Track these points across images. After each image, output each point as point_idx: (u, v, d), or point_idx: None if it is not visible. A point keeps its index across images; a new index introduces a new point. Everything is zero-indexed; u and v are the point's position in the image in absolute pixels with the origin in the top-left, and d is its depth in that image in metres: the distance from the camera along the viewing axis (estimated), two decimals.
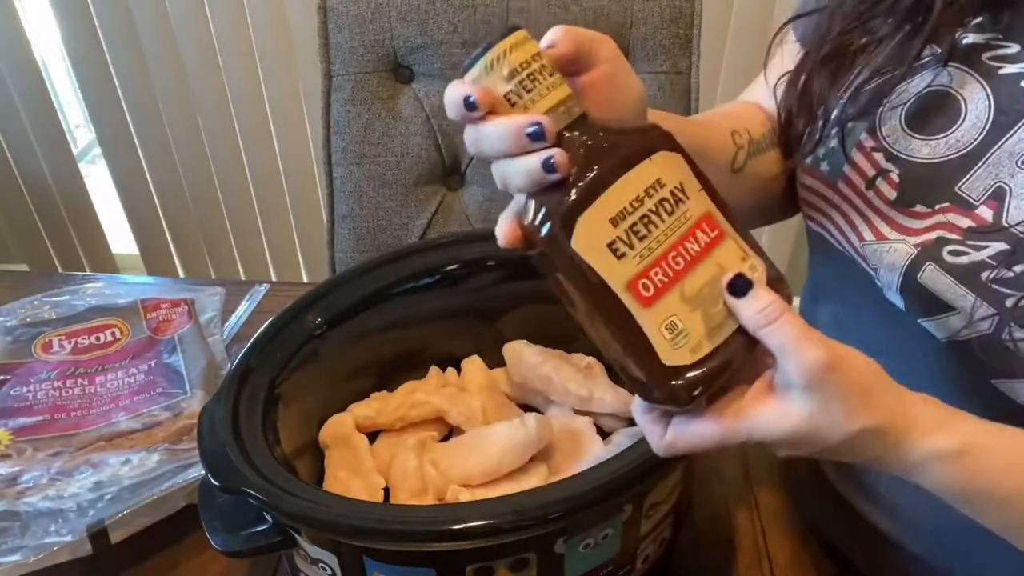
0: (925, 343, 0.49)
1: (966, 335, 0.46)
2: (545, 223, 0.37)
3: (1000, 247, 0.44)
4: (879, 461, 0.40)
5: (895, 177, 0.50)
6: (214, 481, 0.50)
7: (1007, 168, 0.45)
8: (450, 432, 0.68)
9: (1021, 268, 0.43)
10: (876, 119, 0.51)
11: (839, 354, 0.37)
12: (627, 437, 0.63)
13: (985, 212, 0.45)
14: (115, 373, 0.76)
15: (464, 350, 0.73)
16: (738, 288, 0.38)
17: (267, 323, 0.63)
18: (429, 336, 0.72)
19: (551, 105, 0.37)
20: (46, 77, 1.75)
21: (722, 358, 0.38)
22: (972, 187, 0.46)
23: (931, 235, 0.47)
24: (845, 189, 0.53)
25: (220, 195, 1.79)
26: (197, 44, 1.58)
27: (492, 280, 0.71)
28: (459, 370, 0.72)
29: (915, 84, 0.50)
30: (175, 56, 1.60)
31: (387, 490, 0.62)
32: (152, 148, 1.74)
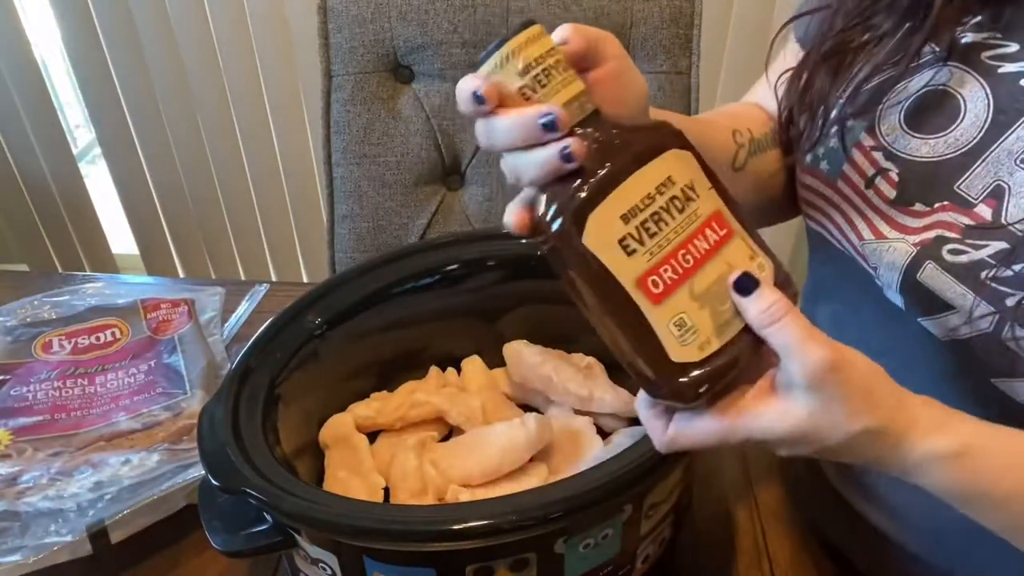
0: (925, 342, 0.49)
1: (966, 334, 0.46)
2: (557, 218, 0.37)
3: (999, 246, 0.44)
4: (879, 461, 0.40)
5: (894, 176, 0.50)
6: (214, 481, 0.50)
7: (1006, 167, 0.45)
8: (450, 432, 0.68)
9: (1020, 267, 0.42)
10: (875, 117, 0.51)
11: (842, 355, 0.37)
12: (627, 437, 0.63)
13: (984, 210, 0.45)
14: (115, 373, 0.76)
15: (464, 350, 0.73)
16: (744, 286, 0.38)
17: (267, 323, 0.63)
18: (429, 336, 0.72)
19: (565, 100, 0.37)
20: (46, 77, 1.74)
21: (729, 356, 0.39)
22: (971, 186, 0.46)
23: (930, 234, 0.47)
24: (845, 188, 0.53)
25: (220, 195, 1.79)
26: (197, 44, 1.58)
27: (492, 280, 0.71)
28: (459, 370, 0.72)
29: (914, 83, 0.50)
30: (175, 56, 1.60)
31: (387, 490, 0.62)
32: (152, 148, 1.74)
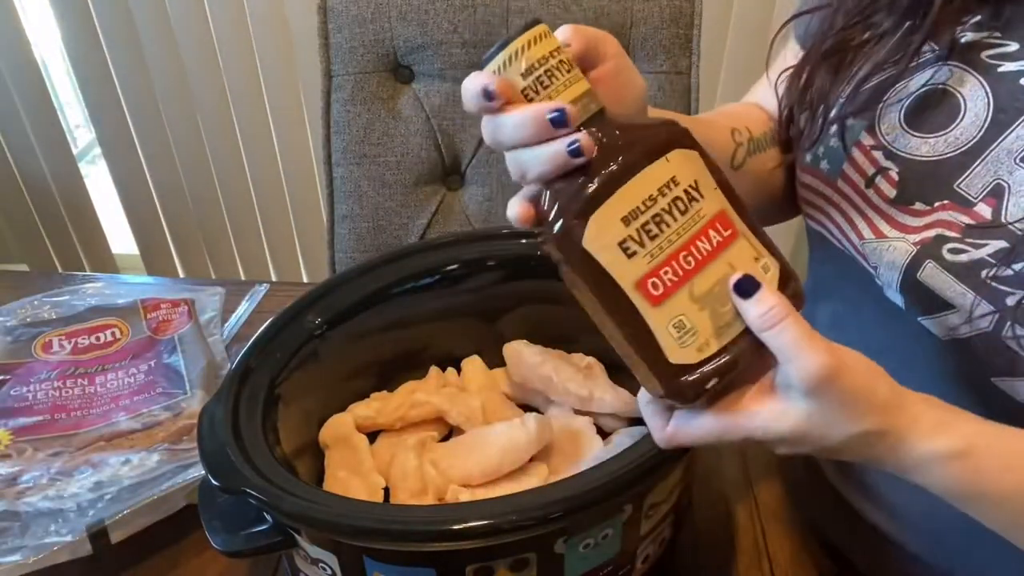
0: (925, 342, 0.49)
1: (966, 333, 0.45)
2: (559, 219, 0.37)
3: (999, 245, 0.44)
4: (879, 461, 0.40)
5: (894, 175, 0.50)
6: (214, 481, 0.50)
7: (1006, 165, 0.45)
8: (450, 432, 0.68)
9: (1020, 266, 0.42)
10: (875, 116, 0.51)
11: (841, 359, 0.37)
12: (627, 437, 0.63)
13: (984, 209, 0.45)
14: (115, 373, 0.76)
15: (464, 350, 0.73)
16: (744, 289, 0.38)
17: (267, 323, 0.63)
18: (429, 336, 0.72)
19: (571, 99, 0.37)
20: (46, 77, 1.74)
21: (728, 357, 0.39)
22: (971, 184, 0.46)
23: (930, 233, 0.47)
24: (845, 188, 0.53)
25: (220, 195, 1.79)
26: (197, 44, 1.58)
27: (492, 280, 0.71)
28: (459, 370, 0.72)
29: (914, 82, 0.50)
30: (175, 56, 1.60)
31: (387, 490, 0.62)
32: (152, 148, 1.74)
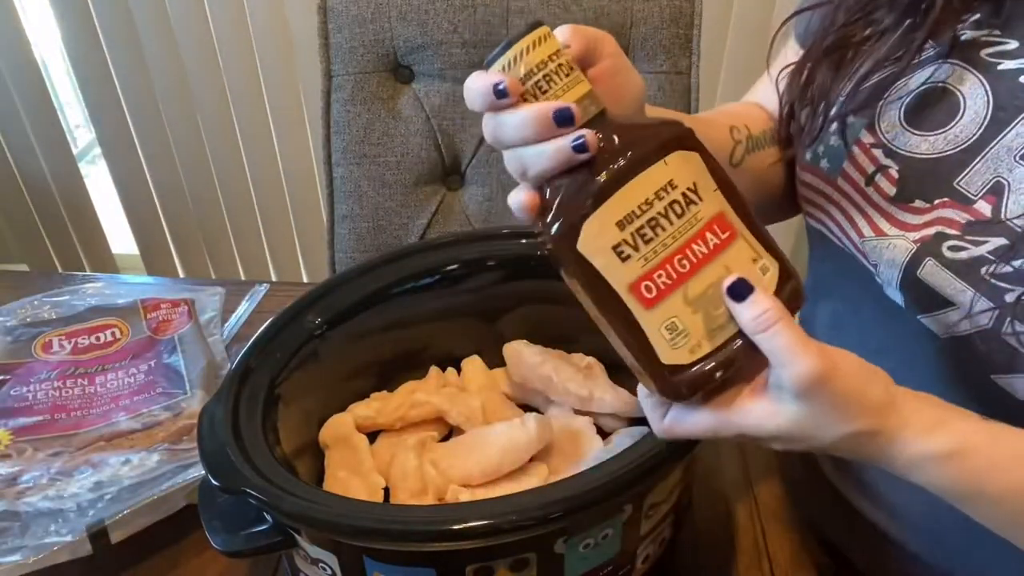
0: (924, 340, 0.49)
1: (965, 330, 0.46)
2: (556, 220, 0.38)
3: (999, 242, 0.44)
4: (873, 459, 0.41)
5: (894, 173, 0.50)
6: (214, 481, 0.50)
7: (1005, 163, 0.45)
8: (450, 432, 0.68)
9: (1020, 262, 0.43)
10: (875, 114, 0.51)
11: (832, 363, 0.37)
12: (627, 437, 0.63)
13: (983, 207, 0.45)
14: (115, 373, 0.76)
15: (464, 350, 0.73)
16: (738, 292, 0.38)
17: (267, 323, 0.63)
18: (429, 336, 0.72)
19: (573, 100, 0.37)
20: (46, 77, 1.74)
21: (722, 357, 0.39)
22: (971, 182, 0.46)
23: (930, 230, 0.47)
24: (845, 186, 0.53)
25: (220, 195, 1.79)
26: (197, 44, 1.58)
27: (492, 280, 0.71)
28: (459, 370, 0.72)
29: (914, 80, 0.50)
30: (175, 56, 1.60)
31: (387, 490, 0.62)
32: (152, 148, 1.74)
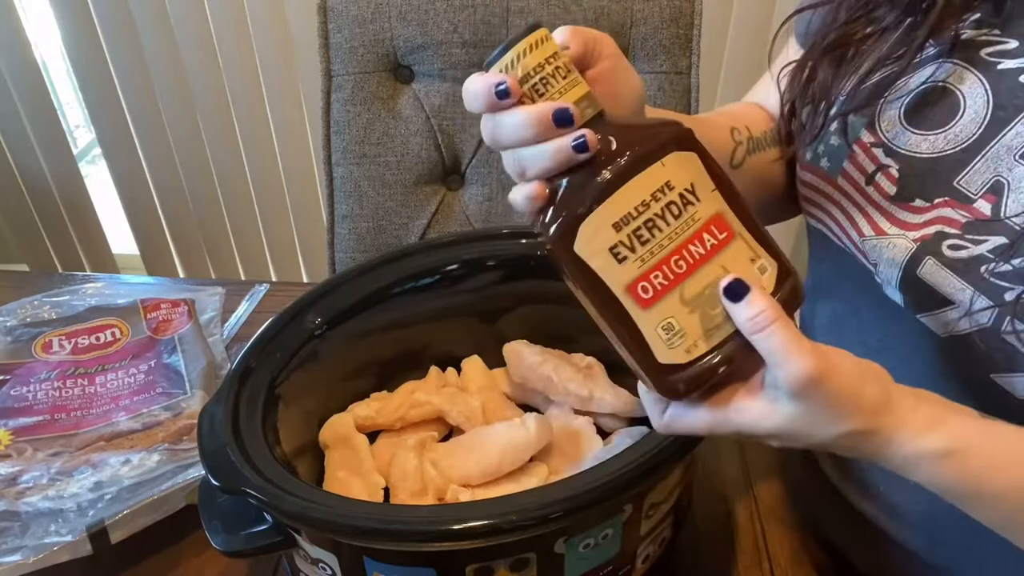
0: (924, 340, 0.49)
1: (964, 329, 0.46)
2: (554, 221, 0.38)
3: (999, 240, 0.44)
4: (871, 457, 0.41)
5: (894, 172, 0.50)
6: (214, 481, 0.50)
7: (1005, 162, 0.45)
8: (450, 432, 0.68)
9: (1019, 261, 0.43)
10: (875, 114, 0.51)
11: (828, 363, 0.37)
12: (627, 437, 0.63)
13: (983, 206, 0.45)
14: (115, 373, 0.76)
15: (464, 350, 0.73)
16: (734, 292, 0.38)
17: (267, 323, 0.63)
18: (429, 336, 0.72)
19: (571, 102, 0.38)
20: (46, 77, 1.74)
21: (718, 357, 0.39)
22: (970, 181, 0.46)
23: (930, 229, 0.47)
24: (845, 185, 0.53)
25: (220, 195, 1.79)
26: (197, 44, 1.58)
27: (492, 280, 0.71)
28: (459, 370, 0.72)
29: (914, 79, 0.50)
30: (175, 56, 1.60)
31: (387, 490, 0.62)
32: (152, 148, 1.74)
